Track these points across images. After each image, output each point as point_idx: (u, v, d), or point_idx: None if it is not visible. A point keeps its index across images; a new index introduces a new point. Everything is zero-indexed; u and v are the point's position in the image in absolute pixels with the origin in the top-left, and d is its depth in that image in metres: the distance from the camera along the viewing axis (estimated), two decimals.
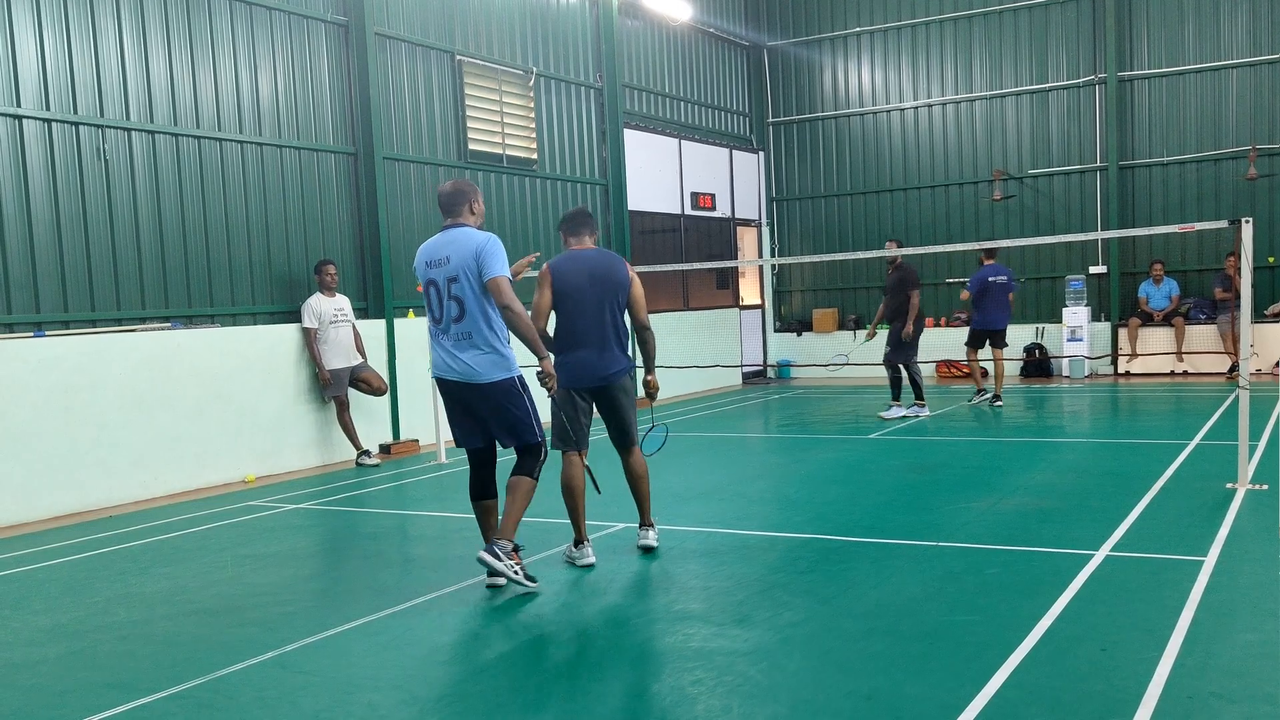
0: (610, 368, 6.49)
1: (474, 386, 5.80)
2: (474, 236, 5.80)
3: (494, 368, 5.80)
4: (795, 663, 4.62)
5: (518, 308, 5.71)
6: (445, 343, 5.86)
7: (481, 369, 5.78)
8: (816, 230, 19.89)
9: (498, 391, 5.81)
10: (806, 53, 19.76)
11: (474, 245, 5.75)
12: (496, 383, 5.80)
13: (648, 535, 6.77)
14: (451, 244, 5.82)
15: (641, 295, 6.66)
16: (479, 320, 5.78)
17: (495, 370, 5.80)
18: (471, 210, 5.99)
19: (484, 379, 5.78)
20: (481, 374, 5.78)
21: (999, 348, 13.71)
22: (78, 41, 9.53)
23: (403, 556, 7.31)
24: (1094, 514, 7.18)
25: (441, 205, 5.99)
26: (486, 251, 5.73)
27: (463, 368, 5.81)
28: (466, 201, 5.97)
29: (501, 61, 14.14)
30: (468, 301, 5.76)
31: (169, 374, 9.80)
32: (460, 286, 5.75)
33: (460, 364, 5.81)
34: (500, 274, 5.71)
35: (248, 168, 10.96)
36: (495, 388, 5.80)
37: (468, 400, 5.88)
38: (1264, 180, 16.27)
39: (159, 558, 7.30)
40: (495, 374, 5.79)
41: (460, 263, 5.74)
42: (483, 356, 5.79)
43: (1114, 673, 4.30)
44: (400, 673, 4.74)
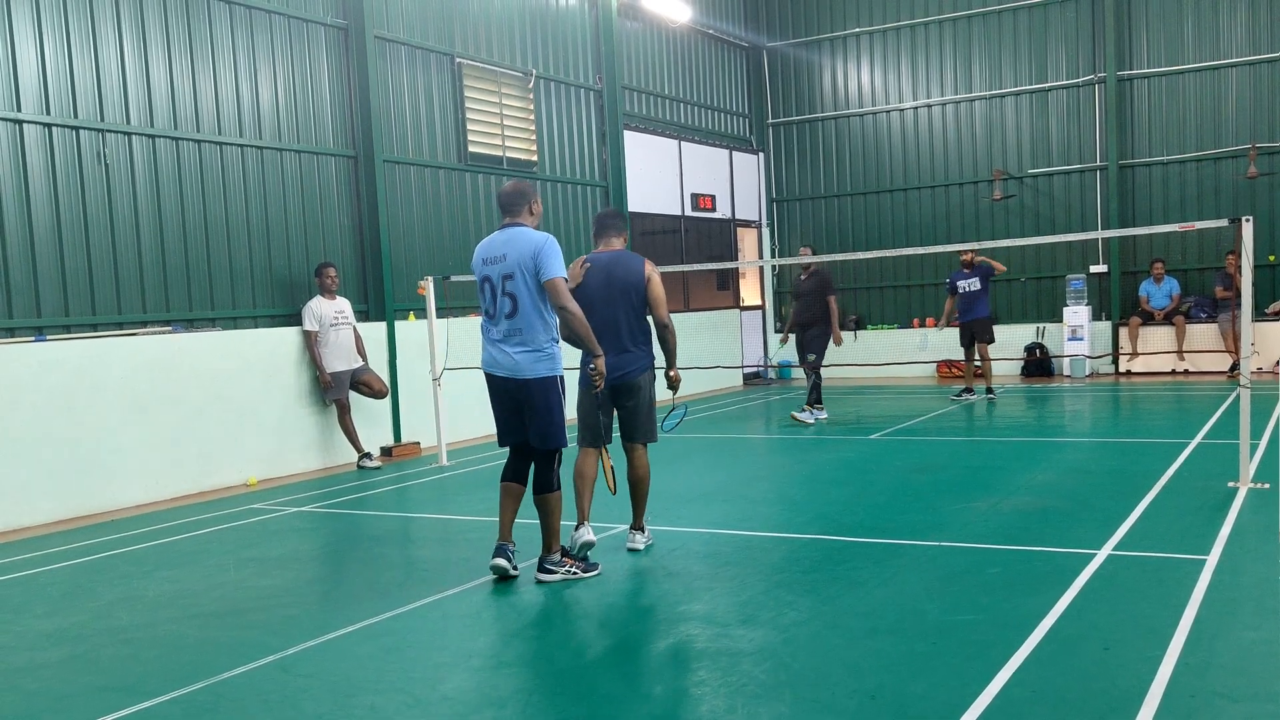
0: (626, 367, 6.62)
1: (520, 382, 5.94)
2: (532, 236, 5.92)
3: (539, 364, 5.93)
4: (799, 662, 4.62)
5: (574, 308, 5.86)
6: (495, 338, 6.00)
7: (527, 365, 5.92)
8: (817, 231, 19.89)
9: (540, 388, 5.94)
10: (806, 53, 19.77)
11: (533, 245, 5.86)
12: (541, 379, 5.93)
13: (636, 539, 6.84)
14: (510, 242, 5.93)
15: (661, 294, 6.72)
16: (531, 317, 5.90)
17: (540, 367, 5.93)
18: (531, 210, 6.10)
19: (529, 374, 5.92)
20: (526, 370, 5.92)
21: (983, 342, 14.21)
22: (78, 46, 9.54)
23: (405, 559, 7.31)
24: (1096, 513, 7.18)
25: (501, 205, 6.11)
26: (545, 252, 5.85)
27: (510, 363, 5.94)
28: (527, 202, 6.09)
29: (501, 64, 14.15)
30: (521, 299, 5.88)
31: (170, 377, 9.80)
32: (515, 284, 5.87)
33: (508, 359, 5.94)
34: (558, 274, 5.85)
35: (248, 171, 10.97)
36: (539, 384, 5.94)
37: (513, 395, 6.01)
38: (1264, 179, 16.27)
39: (161, 561, 7.30)
40: (540, 370, 5.93)
41: (517, 260, 5.86)
42: (530, 353, 5.91)
43: (1117, 671, 4.30)
44: (403, 675, 4.74)
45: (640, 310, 6.68)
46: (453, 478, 10.28)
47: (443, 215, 13.23)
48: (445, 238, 13.24)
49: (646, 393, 6.74)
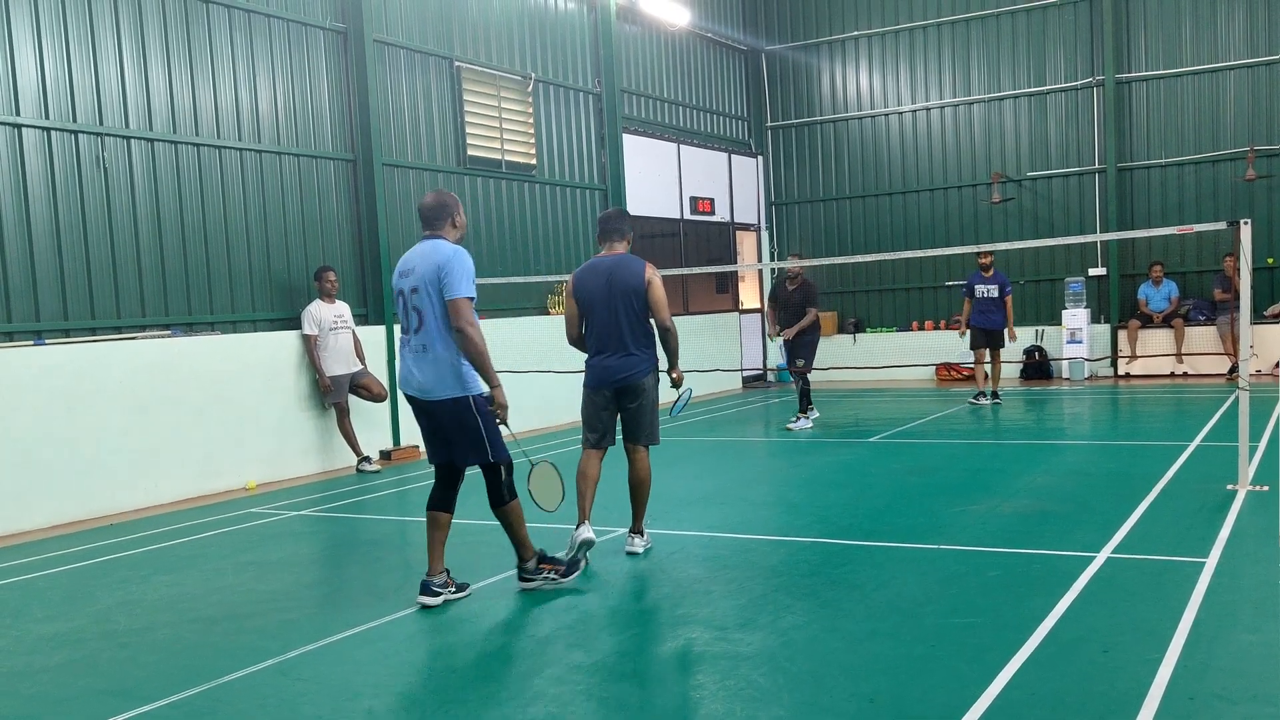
0: (623, 372, 6.65)
1: (429, 403, 5.69)
2: (442, 250, 5.64)
3: (446, 383, 5.62)
4: (798, 665, 4.62)
5: (472, 332, 5.52)
6: (407, 355, 5.76)
7: (434, 384, 5.64)
8: (815, 234, 19.90)
9: (451, 409, 5.66)
10: (804, 57, 19.79)
11: (439, 259, 5.58)
12: (448, 400, 5.64)
13: (635, 542, 6.86)
14: (423, 256, 5.68)
15: (661, 297, 6.68)
16: (434, 334, 5.62)
17: (448, 386, 5.63)
18: (454, 224, 5.85)
19: (436, 394, 5.65)
20: (434, 389, 5.64)
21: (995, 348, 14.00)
22: (76, 50, 9.54)
23: (403, 562, 7.30)
24: (1095, 516, 7.18)
25: (423, 218, 5.84)
26: (450, 267, 5.55)
27: (417, 381, 5.69)
28: (449, 215, 5.84)
29: (500, 67, 14.16)
30: (425, 313, 5.62)
31: (169, 381, 9.80)
32: (420, 298, 5.61)
33: (415, 378, 5.70)
34: (462, 294, 5.53)
35: (247, 175, 10.97)
36: (449, 405, 5.65)
37: (427, 414, 5.78)
38: (1262, 181, 16.28)
39: (160, 565, 7.29)
40: (448, 390, 5.63)
41: (423, 274, 5.60)
42: (437, 371, 5.62)
43: (1116, 674, 4.30)
44: (401, 679, 4.74)
45: (642, 313, 6.69)
46: None
47: None
48: None
49: (649, 395, 6.76)
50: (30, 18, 9.21)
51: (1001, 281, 13.91)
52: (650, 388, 6.76)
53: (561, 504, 6.36)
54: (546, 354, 12.89)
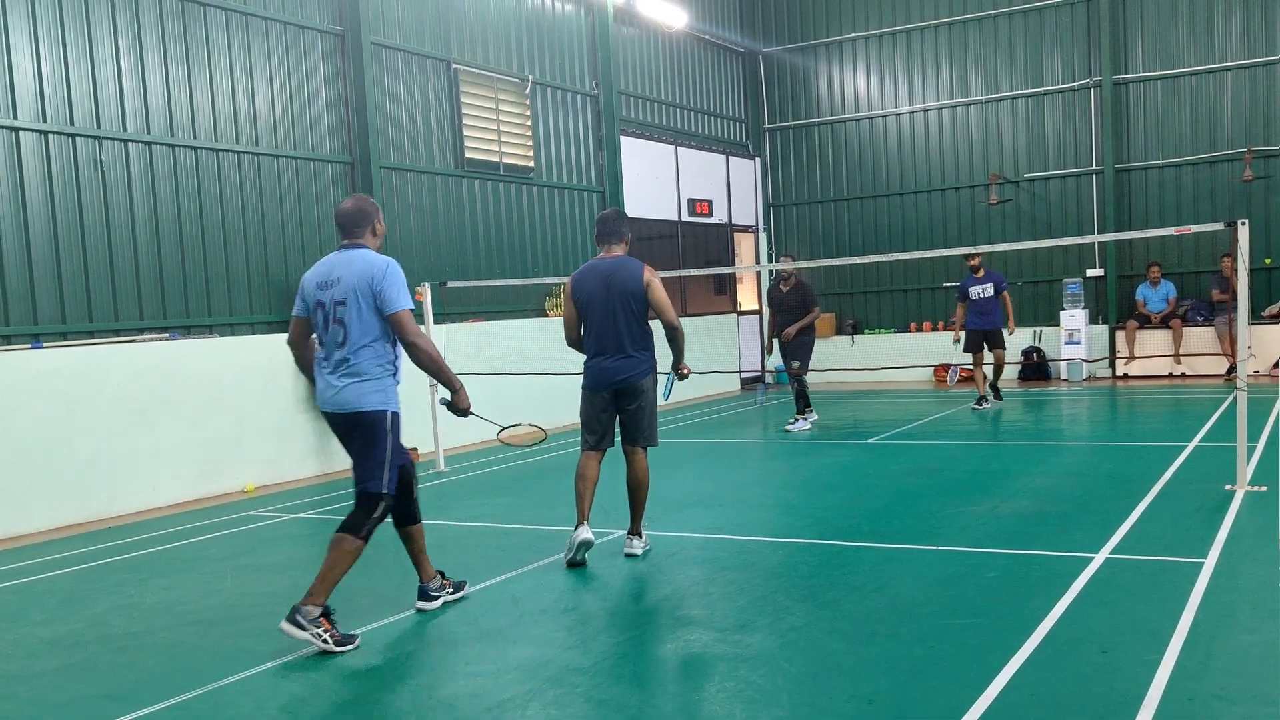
0: (622, 373, 6.67)
1: (345, 416, 5.34)
2: (372, 261, 5.33)
3: (365, 397, 5.30)
4: (797, 667, 4.62)
5: (423, 343, 5.31)
6: (325, 370, 5.39)
7: (354, 398, 5.30)
8: (814, 235, 19.91)
9: (362, 423, 5.33)
10: (802, 59, 19.80)
11: (372, 271, 5.27)
12: (365, 413, 5.31)
13: (633, 544, 6.86)
14: (347, 265, 5.35)
15: (664, 298, 6.69)
16: (360, 348, 5.29)
17: (365, 401, 5.30)
18: (374, 231, 5.53)
19: (351, 408, 5.31)
20: (352, 402, 5.30)
21: (997, 348, 13.72)
22: (74, 53, 9.55)
23: (402, 565, 7.26)
24: (1093, 517, 7.18)
25: (340, 225, 5.51)
26: (386, 280, 5.26)
27: (335, 397, 5.33)
28: (369, 222, 5.51)
29: (498, 70, 14.16)
30: (352, 327, 5.28)
31: (167, 384, 9.79)
32: (347, 310, 5.28)
33: (334, 393, 5.33)
34: (403, 308, 5.26)
35: (244, 178, 10.97)
36: (363, 418, 5.32)
37: (342, 433, 5.44)
38: (1259, 182, 16.30)
39: (158, 568, 7.29)
40: (364, 404, 5.30)
41: (352, 285, 5.27)
42: (358, 385, 5.30)
43: (1115, 675, 4.30)
44: (400, 681, 4.73)
45: (640, 315, 6.70)
46: (450, 484, 10.28)
47: (439, 221, 13.23)
48: (442, 244, 13.24)
49: (648, 396, 6.77)
50: (27, 21, 9.21)
51: (996, 279, 13.74)
52: (649, 389, 6.78)
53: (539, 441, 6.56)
54: (545, 356, 12.90)
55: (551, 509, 8.38)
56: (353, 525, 5.37)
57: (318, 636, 5.13)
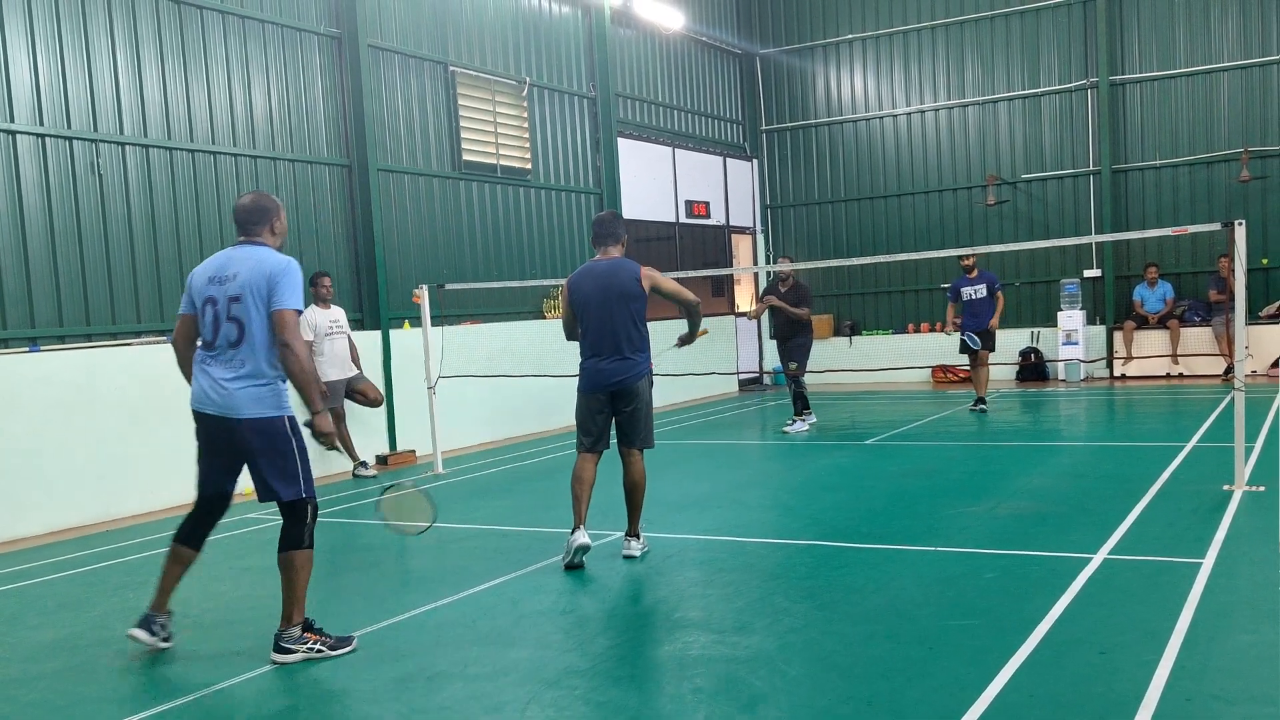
0: (619, 375, 6.69)
1: (233, 422, 5.03)
2: (271, 258, 5.10)
3: (259, 402, 5.04)
4: (795, 669, 4.62)
5: (299, 348, 4.99)
6: (212, 369, 5.07)
7: (243, 402, 5.01)
8: (811, 237, 19.92)
9: (260, 430, 5.04)
10: (799, 60, 19.81)
11: (269, 267, 5.03)
12: (258, 419, 5.03)
13: (631, 546, 6.87)
14: (244, 261, 5.09)
15: (673, 286, 6.88)
16: (258, 348, 5.03)
17: (260, 406, 5.04)
18: (273, 230, 5.27)
19: (244, 414, 5.01)
20: (242, 408, 5.01)
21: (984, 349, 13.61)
22: (71, 56, 9.54)
23: (399, 568, 7.30)
24: (1091, 517, 7.18)
25: (238, 221, 5.24)
26: (285, 278, 5.02)
27: (224, 399, 5.02)
28: (268, 219, 5.24)
29: (495, 72, 14.16)
30: (249, 325, 5.02)
31: (165, 388, 9.75)
32: (243, 308, 5.02)
33: (222, 394, 5.02)
34: (290, 307, 5.00)
35: (242, 181, 10.96)
36: (257, 425, 5.03)
37: (223, 439, 5.11)
38: (1256, 182, 16.32)
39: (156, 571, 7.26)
40: (259, 410, 5.03)
41: (249, 282, 5.01)
42: (250, 389, 5.03)
43: (1113, 675, 4.30)
44: (398, 684, 4.73)
45: (638, 318, 6.73)
46: (448, 486, 10.27)
47: (437, 224, 13.23)
48: (440, 246, 13.24)
49: (644, 398, 6.79)
50: (24, 24, 9.21)
51: (989, 280, 13.57)
52: (645, 390, 6.79)
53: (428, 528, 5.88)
54: (542, 358, 12.90)
55: (549, 511, 8.37)
56: (293, 540, 5.18)
57: (311, 651, 5.08)
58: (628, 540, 6.88)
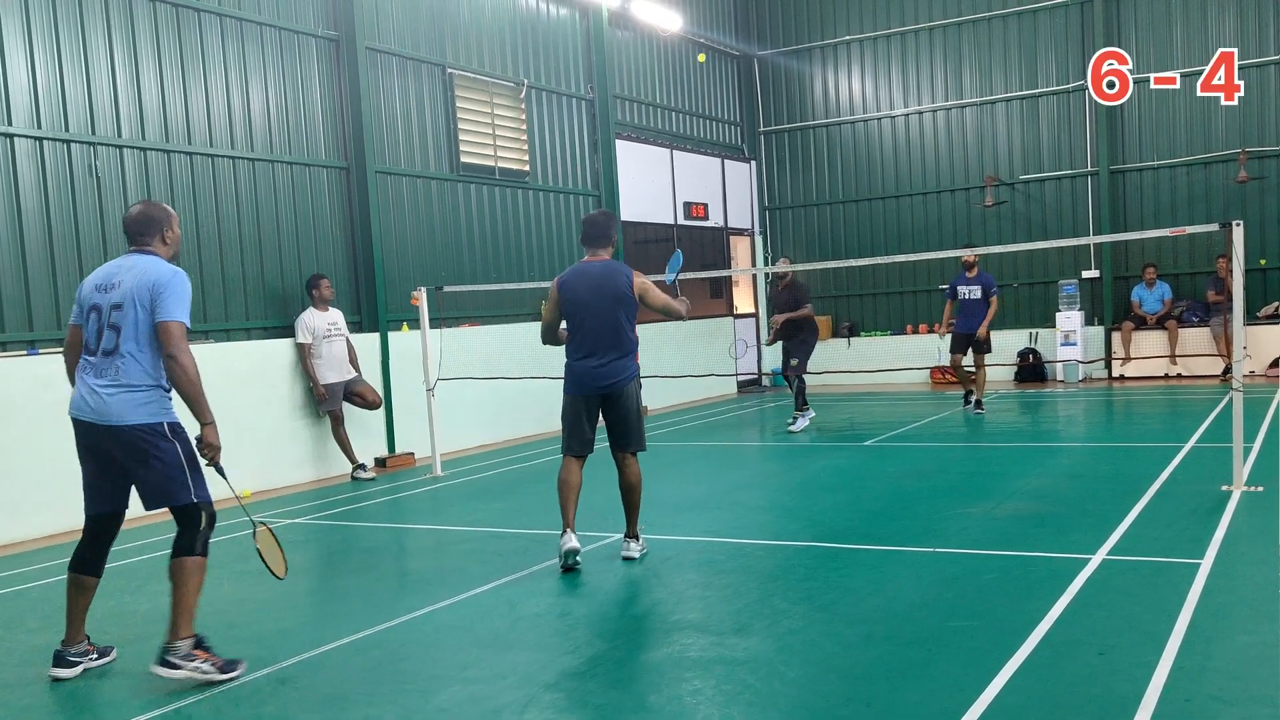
0: (611, 377, 6.68)
1: (110, 430, 4.91)
2: (158, 267, 5.01)
3: (136, 409, 4.91)
4: (794, 670, 4.61)
5: (185, 360, 4.90)
6: (89, 377, 4.97)
7: (121, 409, 4.89)
8: (809, 238, 19.92)
9: (139, 437, 4.92)
10: (797, 62, 19.82)
11: (154, 276, 4.95)
12: (137, 426, 4.91)
13: (630, 547, 6.86)
14: (129, 270, 5.01)
15: (658, 296, 6.79)
16: (137, 356, 4.94)
17: (137, 412, 4.91)
18: (164, 239, 5.18)
19: (122, 420, 4.89)
20: (118, 414, 4.89)
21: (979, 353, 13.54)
22: (68, 59, 9.53)
23: (398, 570, 7.29)
24: (1090, 518, 7.18)
25: (128, 231, 5.17)
26: (170, 289, 4.93)
27: (99, 405, 4.90)
28: (159, 229, 5.15)
29: (493, 74, 14.16)
30: (127, 332, 4.93)
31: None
32: (123, 315, 4.93)
33: (98, 401, 4.91)
34: (175, 318, 4.91)
35: (240, 183, 10.96)
36: (135, 432, 4.91)
37: (104, 448, 4.98)
38: (1254, 183, 16.32)
39: (153, 575, 7.26)
40: (136, 416, 4.91)
41: (132, 290, 4.93)
42: (128, 395, 4.91)
43: (1112, 676, 4.30)
44: (396, 687, 4.72)
45: (630, 321, 6.75)
46: (446, 488, 10.27)
47: (435, 226, 13.22)
48: (438, 248, 13.24)
49: (634, 400, 6.80)
50: (22, 27, 9.20)
51: (986, 282, 13.44)
52: (634, 393, 6.80)
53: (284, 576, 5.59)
54: (540, 360, 12.88)
55: (548, 513, 8.34)
56: (186, 546, 5.02)
57: (198, 670, 4.84)
58: (627, 542, 6.87)
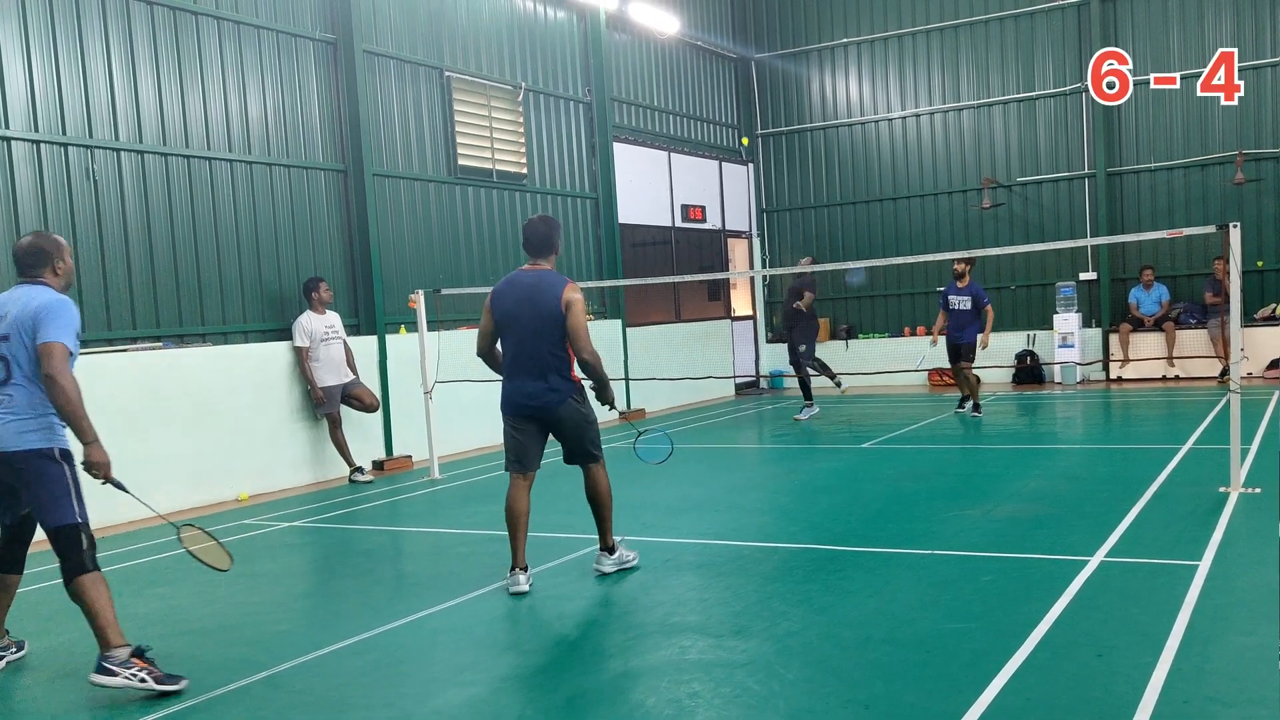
0: (544, 397, 6.21)
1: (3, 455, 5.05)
2: (42, 296, 5.09)
3: (24, 435, 5.03)
4: (793, 672, 4.61)
5: (64, 381, 4.93)
6: None
7: (10, 436, 5.01)
8: (807, 241, 19.92)
9: (25, 462, 5.03)
10: (794, 64, 19.83)
11: (36, 305, 5.03)
12: (22, 452, 5.02)
13: (603, 561, 6.48)
14: (16, 301, 5.11)
15: (580, 324, 6.12)
16: (25, 385, 5.05)
17: (28, 437, 5.03)
18: (55, 270, 5.24)
19: (12, 446, 5.02)
20: (10, 441, 5.01)
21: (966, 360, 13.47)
22: (66, 62, 9.53)
23: (396, 573, 7.29)
24: (1088, 520, 7.18)
25: (18, 262, 5.25)
26: (50, 312, 5.00)
27: None
28: (48, 261, 5.22)
29: (490, 77, 14.17)
30: (13, 362, 5.04)
31: (160, 393, 9.76)
32: (11, 346, 5.03)
33: None
34: (55, 339, 4.95)
35: (237, 186, 10.96)
36: (21, 458, 5.02)
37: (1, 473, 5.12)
38: (1251, 185, 16.34)
39: (152, 578, 7.26)
40: (24, 443, 5.02)
41: (16, 320, 5.03)
42: (16, 423, 5.03)
43: (1110, 678, 4.30)
44: (393, 691, 4.72)
45: (560, 340, 6.17)
46: (444, 491, 10.26)
47: (433, 228, 13.22)
48: (435, 251, 13.24)
49: (576, 416, 6.30)
50: (19, 30, 9.20)
51: (976, 293, 13.40)
52: (572, 411, 6.27)
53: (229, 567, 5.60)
54: None
55: (546, 515, 8.36)
56: (75, 567, 5.03)
57: (134, 678, 4.85)
58: (600, 555, 6.50)
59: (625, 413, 6.46)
